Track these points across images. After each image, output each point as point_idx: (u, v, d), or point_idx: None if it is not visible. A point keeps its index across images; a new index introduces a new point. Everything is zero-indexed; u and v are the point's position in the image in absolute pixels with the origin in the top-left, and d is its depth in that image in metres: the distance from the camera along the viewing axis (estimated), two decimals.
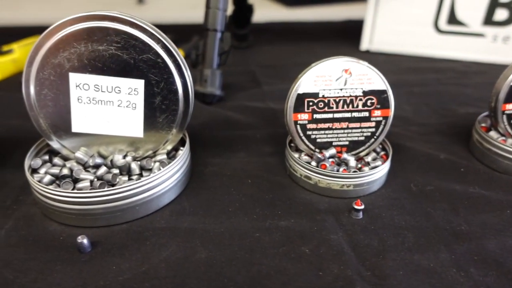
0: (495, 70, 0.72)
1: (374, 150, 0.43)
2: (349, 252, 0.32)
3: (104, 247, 0.33)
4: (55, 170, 0.38)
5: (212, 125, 0.52)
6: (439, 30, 0.78)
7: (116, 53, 0.36)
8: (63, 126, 0.38)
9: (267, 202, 0.38)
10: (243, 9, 0.80)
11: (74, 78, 0.37)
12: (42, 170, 0.38)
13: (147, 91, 0.37)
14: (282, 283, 0.29)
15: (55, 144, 0.39)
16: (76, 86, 0.37)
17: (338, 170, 0.39)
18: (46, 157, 0.40)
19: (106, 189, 0.33)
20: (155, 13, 1.37)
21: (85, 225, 0.35)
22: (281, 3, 1.56)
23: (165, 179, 0.36)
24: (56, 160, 0.39)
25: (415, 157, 0.45)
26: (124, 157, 0.39)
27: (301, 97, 0.40)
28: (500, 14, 0.72)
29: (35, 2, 1.61)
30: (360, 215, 0.36)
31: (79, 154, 0.38)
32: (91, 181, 0.36)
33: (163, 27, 0.37)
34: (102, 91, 0.37)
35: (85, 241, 0.32)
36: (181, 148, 0.42)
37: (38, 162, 0.39)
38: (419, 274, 0.30)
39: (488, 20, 0.74)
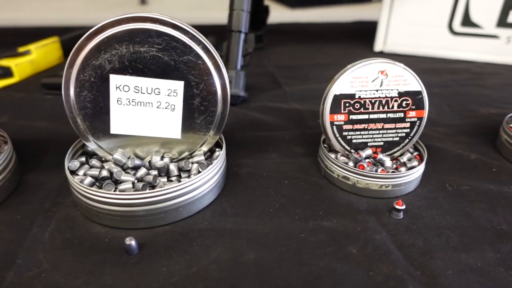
0: (510, 71, 0.73)
1: (408, 151, 0.43)
2: (395, 252, 0.32)
3: (151, 249, 0.33)
4: (94, 172, 0.38)
5: (239, 126, 0.52)
6: (453, 32, 0.78)
7: (157, 54, 0.36)
8: (101, 128, 0.38)
9: (306, 203, 0.38)
10: (259, 10, 0.80)
11: (115, 80, 0.36)
12: (81, 172, 0.38)
13: (186, 92, 0.37)
14: (334, 283, 0.29)
15: (92, 145, 0.39)
16: (116, 87, 0.37)
17: (376, 171, 0.39)
18: (83, 159, 0.40)
19: (151, 190, 0.33)
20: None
21: (129, 227, 0.35)
22: (284, 4, 1.56)
23: (207, 180, 0.36)
24: (94, 162, 0.39)
25: (446, 158, 0.46)
26: (162, 158, 0.39)
27: (337, 98, 0.40)
28: None
29: (39, 2, 1.60)
30: (401, 215, 0.36)
31: (117, 156, 0.38)
32: (133, 183, 0.36)
33: None
34: (141, 93, 0.37)
35: (133, 242, 0.32)
36: (217, 149, 0.42)
37: (76, 164, 0.38)
38: (468, 274, 0.30)
39: (502, 22, 0.75)
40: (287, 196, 0.39)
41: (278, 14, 1.37)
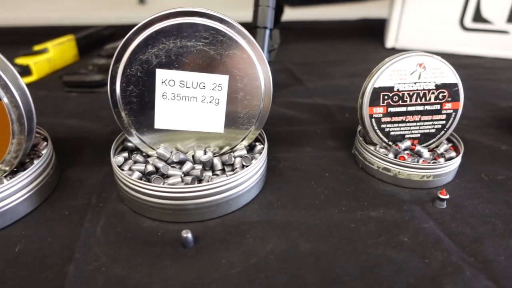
0: None
1: (443, 142, 0.44)
2: (446, 240, 0.33)
3: (206, 242, 0.33)
4: (140, 167, 0.38)
5: (271, 121, 0.52)
6: (464, 28, 0.80)
7: (203, 48, 0.36)
8: (145, 123, 0.38)
9: (350, 194, 0.39)
10: (274, 8, 0.80)
11: (161, 74, 0.37)
12: (125, 167, 0.38)
13: (230, 86, 0.38)
14: (393, 271, 0.30)
15: (135, 140, 0.39)
16: (162, 82, 0.37)
17: (417, 162, 0.40)
18: (125, 154, 0.40)
19: (204, 184, 0.34)
20: (155, 12, 1.36)
21: (180, 220, 0.35)
22: (284, 3, 1.56)
23: (254, 173, 0.37)
24: (138, 157, 0.39)
25: (477, 149, 0.47)
26: (205, 153, 0.39)
27: (376, 91, 0.40)
28: None
29: (35, 2, 1.58)
30: (444, 204, 0.37)
31: (161, 150, 0.38)
32: (181, 177, 0.36)
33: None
34: (187, 87, 0.37)
35: (189, 235, 0.32)
36: (257, 143, 0.42)
37: (120, 159, 0.38)
38: None
39: None
40: (330, 188, 0.39)
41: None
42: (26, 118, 0.35)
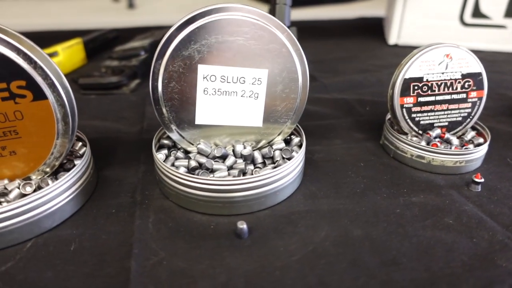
0: None
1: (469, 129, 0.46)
2: (488, 220, 0.34)
3: (260, 232, 0.33)
4: (183, 163, 0.38)
5: None
6: (464, 23, 0.82)
7: (244, 43, 0.37)
8: (186, 119, 0.39)
9: (388, 182, 0.40)
10: None
11: (202, 70, 0.37)
12: (168, 164, 0.38)
13: (269, 80, 0.38)
14: (445, 251, 0.31)
15: (174, 135, 0.39)
16: (204, 77, 0.37)
17: (451, 148, 0.41)
18: (165, 151, 0.40)
19: (254, 175, 0.34)
20: (146, 17, 1.36)
21: (231, 213, 0.35)
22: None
23: (297, 164, 0.37)
24: (179, 153, 0.39)
25: (498, 135, 0.48)
26: (244, 147, 0.40)
27: (407, 82, 0.42)
28: None
29: (22, 8, 1.56)
30: (479, 188, 0.38)
31: (202, 146, 0.39)
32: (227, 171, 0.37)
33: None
34: (227, 82, 0.38)
35: (245, 226, 0.32)
36: (292, 136, 0.43)
37: (161, 156, 0.39)
38: None
39: (510, 12, 0.79)
40: (367, 177, 0.40)
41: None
42: (71, 117, 0.35)
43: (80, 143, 0.41)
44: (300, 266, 0.30)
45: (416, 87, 0.42)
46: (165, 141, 0.42)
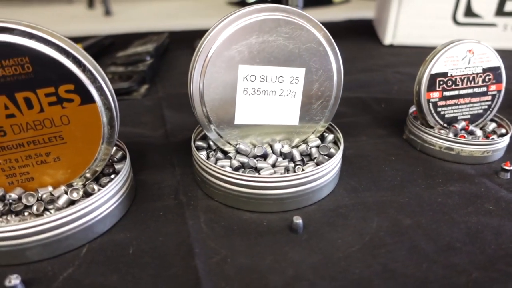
0: (510, 55, 0.82)
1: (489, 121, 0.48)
2: None
3: (313, 226, 0.34)
4: (226, 162, 0.38)
5: None
6: (457, 22, 0.86)
7: (283, 43, 0.37)
8: (226, 119, 0.39)
9: (422, 174, 0.41)
10: None
11: (243, 70, 0.37)
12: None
13: (306, 79, 0.39)
14: (494, 234, 0.33)
15: (213, 135, 0.39)
16: (244, 77, 0.38)
17: (478, 139, 0.43)
18: (204, 152, 0.40)
19: (305, 171, 0.35)
20: (123, 24, 1.34)
21: (280, 209, 0.36)
22: None
23: (339, 159, 0.38)
24: (219, 154, 0.40)
25: None
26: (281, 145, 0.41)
27: (433, 77, 0.44)
28: (510, 5, 0.82)
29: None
30: (508, 175, 0.40)
31: (242, 146, 0.39)
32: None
33: (128, 36, 0.38)
34: (266, 82, 0.38)
35: (300, 221, 0.33)
36: (325, 134, 0.44)
37: (204, 157, 0.39)
38: None
39: (500, 11, 0.83)
40: (401, 170, 0.42)
41: None
42: (117, 120, 0.35)
43: (115, 148, 0.40)
44: (362, 256, 0.30)
45: (441, 82, 0.44)
46: (199, 143, 0.42)
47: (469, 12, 0.84)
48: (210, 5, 1.64)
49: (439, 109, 0.45)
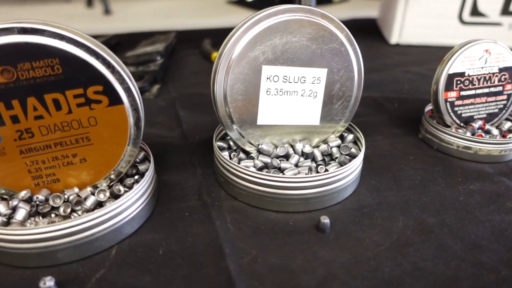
0: None
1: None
2: None
3: (339, 226, 0.34)
4: (249, 163, 0.38)
5: None
6: (463, 22, 0.87)
7: (306, 44, 0.38)
8: (249, 119, 0.39)
9: (441, 173, 0.42)
10: None
11: (266, 71, 0.38)
12: None
13: (328, 79, 0.39)
14: None
15: (234, 135, 0.39)
16: (267, 78, 0.38)
17: (496, 138, 0.43)
18: (226, 153, 0.40)
19: (330, 172, 0.35)
20: (122, 23, 1.34)
21: (305, 209, 0.36)
22: (252, 9, 1.58)
23: (362, 159, 0.39)
24: (241, 154, 0.40)
25: None
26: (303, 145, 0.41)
27: (451, 77, 0.44)
28: None
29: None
30: None
31: (264, 146, 0.39)
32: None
33: (134, 36, 0.38)
34: (289, 82, 0.39)
35: (327, 221, 0.33)
36: (344, 134, 0.44)
37: (227, 157, 0.39)
38: None
39: (505, 10, 0.84)
40: (421, 169, 0.42)
41: None
42: (143, 122, 0.35)
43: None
44: (391, 254, 0.31)
45: (458, 82, 0.44)
46: (219, 143, 0.42)
47: (475, 11, 0.85)
48: (210, 4, 1.64)
49: (456, 109, 0.45)
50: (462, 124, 0.46)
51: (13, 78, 0.29)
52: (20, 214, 0.32)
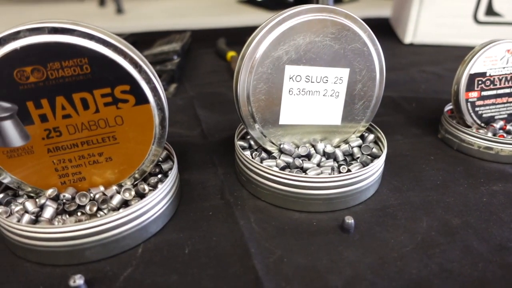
0: None
1: None
2: None
3: (363, 226, 0.34)
4: (272, 162, 0.38)
5: None
6: (477, 21, 0.86)
7: (329, 43, 0.38)
8: (271, 119, 0.39)
9: (463, 173, 0.41)
10: None
11: (289, 70, 0.38)
12: None
13: (350, 79, 0.39)
14: None
15: (256, 134, 0.39)
16: (290, 78, 0.38)
17: None
18: (248, 152, 0.40)
19: (354, 172, 0.35)
20: (135, 22, 1.34)
21: (329, 209, 0.36)
22: (262, 8, 1.58)
23: (384, 159, 0.39)
24: (263, 154, 0.40)
25: None
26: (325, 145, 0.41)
27: (472, 77, 0.44)
28: None
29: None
30: None
31: (286, 146, 0.39)
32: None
33: (145, 35, 0.38)
34: (311, 82, 0.39)
35: (352, 221, 0.33)
36: (364, 134, 0.44)
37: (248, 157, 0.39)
38: None
39: None
40: (442, 170, 0.42)
41: (259, 17, 1.39)
42: (167, 121, 0.35)
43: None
44: (417, 255, 0.31)
45: (480, 82, 0.44)
46: (240, 142, 0.42)
47: (490, 11, 0.84)
48: (220, 3, 1.64)
49: (477, 109, 0.45)
50: (482, 125, 0.46)
51: (43, 78, 0.30)
52: (48, 212, 0.32)
